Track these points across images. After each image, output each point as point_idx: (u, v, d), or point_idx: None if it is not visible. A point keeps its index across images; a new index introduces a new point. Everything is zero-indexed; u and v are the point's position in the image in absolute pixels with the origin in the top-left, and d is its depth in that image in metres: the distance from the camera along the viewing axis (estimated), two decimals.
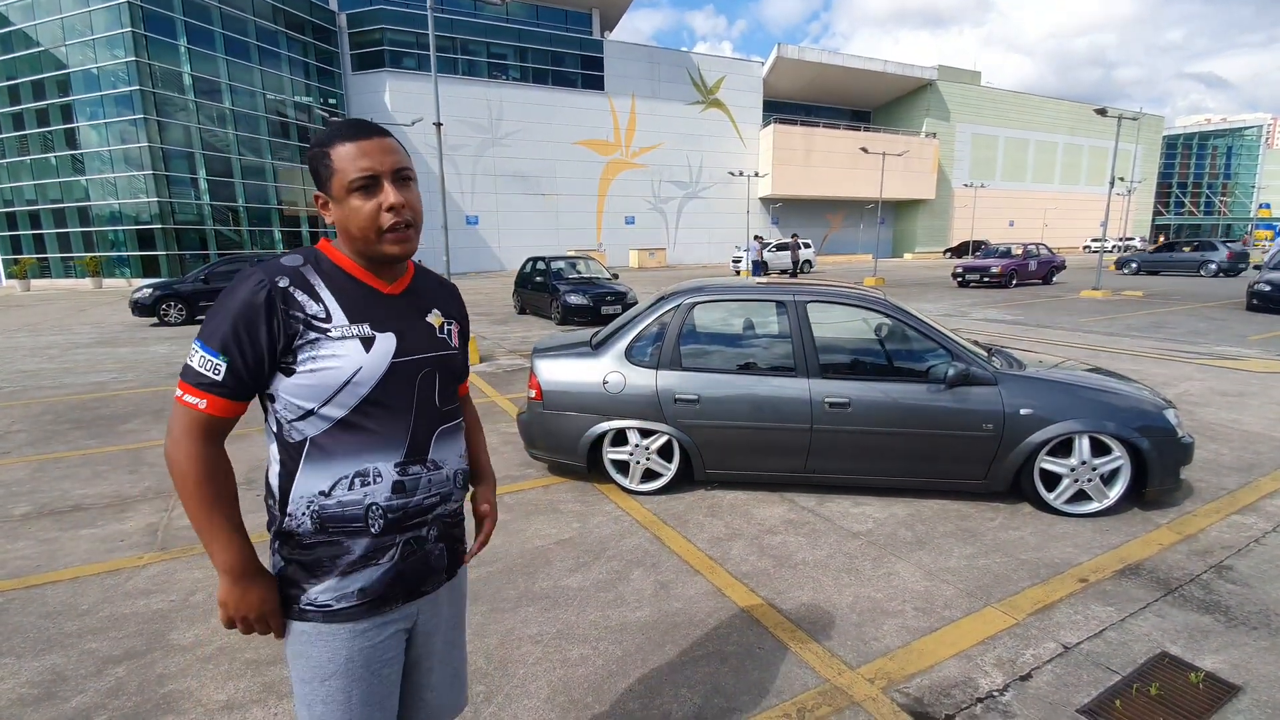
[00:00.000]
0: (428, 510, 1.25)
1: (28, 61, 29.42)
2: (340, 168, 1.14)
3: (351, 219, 1.15)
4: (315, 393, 1.13)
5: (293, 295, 1.12)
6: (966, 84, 54.40)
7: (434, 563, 1.29)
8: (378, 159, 1.14)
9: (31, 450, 5.40)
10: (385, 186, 1.15)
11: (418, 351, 1.23)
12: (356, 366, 1.14)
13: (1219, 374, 7.57)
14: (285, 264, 1.16)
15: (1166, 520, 3.72)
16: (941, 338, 3.95)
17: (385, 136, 1.17)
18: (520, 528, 3.74)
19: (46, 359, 10.20)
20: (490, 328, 12.93)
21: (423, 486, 1.23)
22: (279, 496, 1.18)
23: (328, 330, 1.13)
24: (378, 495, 1.18)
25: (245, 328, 1.09)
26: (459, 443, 1.34)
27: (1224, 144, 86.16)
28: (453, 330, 1.34)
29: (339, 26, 36.61)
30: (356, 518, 1.17)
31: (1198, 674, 2.39)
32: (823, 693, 2.33)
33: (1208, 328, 11.36)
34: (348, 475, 1.16)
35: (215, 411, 1.11)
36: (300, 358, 1.12)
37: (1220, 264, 22.17)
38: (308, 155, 1.20)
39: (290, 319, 1.11)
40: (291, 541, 1.18)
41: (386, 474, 1.18)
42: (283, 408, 1.16)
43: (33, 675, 2.48)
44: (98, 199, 29.73)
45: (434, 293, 1.35)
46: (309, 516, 1.16)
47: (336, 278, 1.19)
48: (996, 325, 12.22)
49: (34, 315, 17.55)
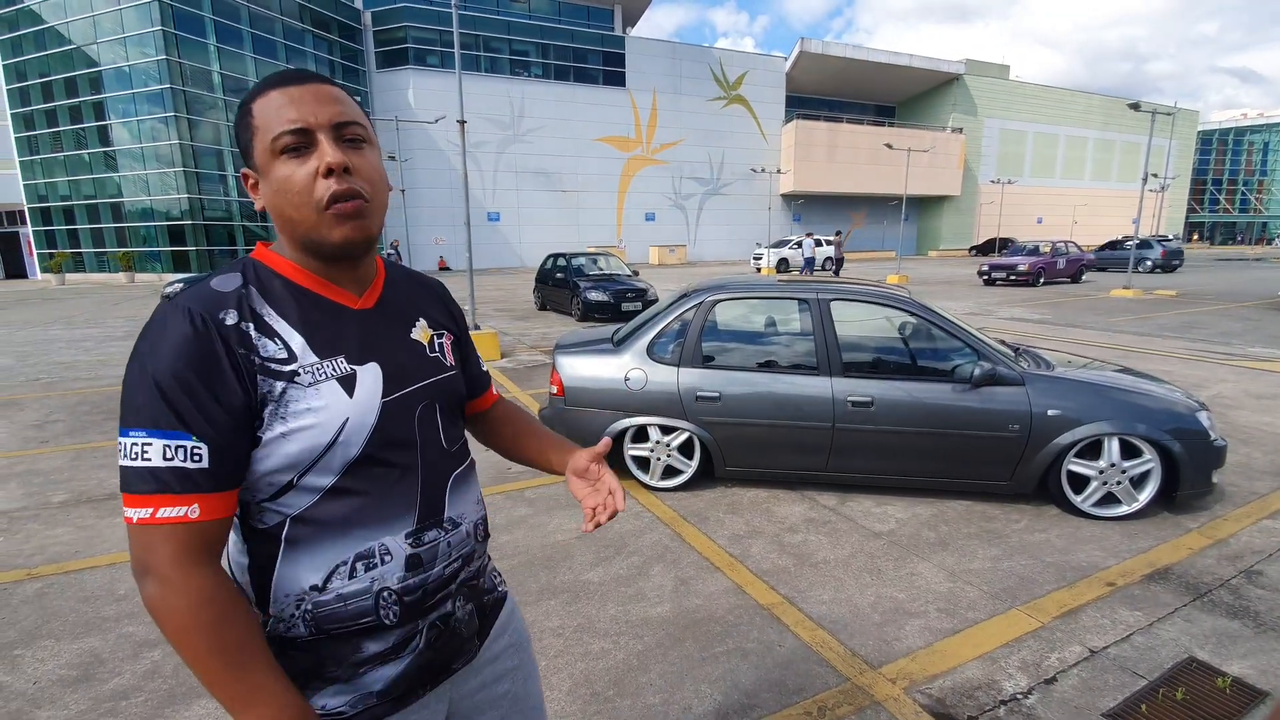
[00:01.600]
0: (450, 580, 0.99)
1: (61, 59, 30.15)
2: (261, 125, 0.83)
3: (280, 194, 0.84)
4: (292, 461, 0.83)
5: (246, 333, 0.81)
6: (994, 78, 53.40)
7: (464, 632, 1.03)
8: (311, 108, 0.83)
9: (69, 440, 5.56)
10: (321, 142, 0.83)
11: (410, 381, 0.95)
12: (342, 419, 0.85)
13: (1253, 376, 7.39)
14: (218, 289, 0.83)
15: (1197, 524, 3.65)
16: (967, 336, 3.91)
17: (322, 83, 0.87)
18: (542, 522, 3.77)
19: (82, 351, 10.48)
20: (511, 324, 13.02)
21: (442, 554, 0.96)
22: (253, 597, 0.89)
23: (295, 375, 0.83)
24: (388, 578, 0.90)
25: (206, 384, 0.77)
26: (475, 487, 1.07)
27: (1261, 140, 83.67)
28: (445, 344, 1.06)
29: (364, 24, 37.02)
30: (365, 611, 0.89)
31: (1225, 679, 2.35)
32: (844, 691, 2.33)
33: (1242, 328, 11.08)
34: (346, 560, 0.87)
35: (212, 515, 0.79)
36: (267, 418, 0.82)
37: (1155, 260, 26.13)
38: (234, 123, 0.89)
39: (250, 366, 0.81)
40: (280, 645, 0.88)
41: (397, 549, 0.91)
42: (247, 487, 0.85)
43: (72, 657, 2.56)
44: (130, 195, 30.43)
45: (413, 297, 1.06)
46: (301, 620, 0.87)
47: (288, 297, 0.87)
48: (1023, 324, 12.03)
49: (69, 308, 18.03)
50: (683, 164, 44.40)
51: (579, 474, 1.12)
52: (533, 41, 39.47)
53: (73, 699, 2.32)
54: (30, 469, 4.81)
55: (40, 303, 20.17)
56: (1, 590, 3.08)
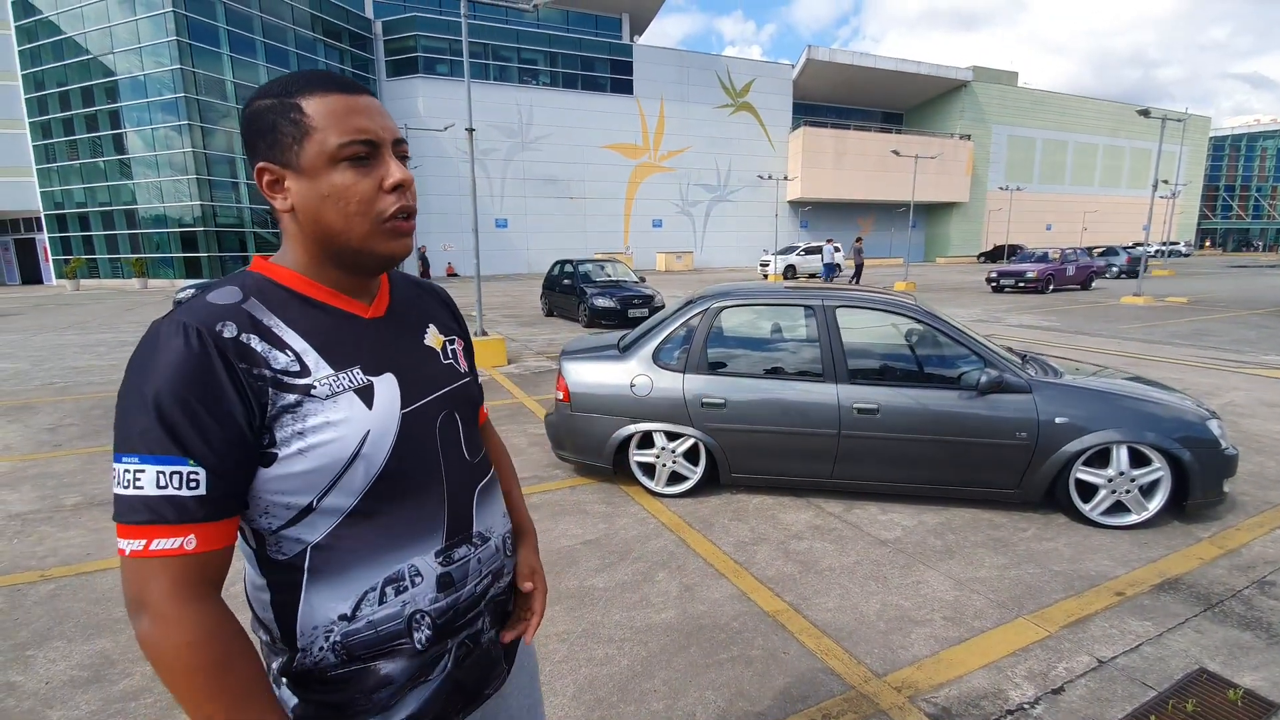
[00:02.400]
0: (481, 597, 0.95)
1: (78, 69, 30.58)
2: (322, 126, 0.79)
3: (333, 201, 0.80)
4: (311, 481, 0.79)
5: (247, 346, 0.77)
6: (1003, 85, 53.28)
7: (494, 654, 1.00)
8: (379, 121, 0.82)
9: (82, 443, 5.62)
10: (387, 159, 0.83)
11: (429, 391, 0.92)
12: (363, 432, 0.81)
13: (1267, 384, 7.31)
14: (217, 303, 0.79)
15: (1208, 534, 3.61)
16: (973, 343, 3.90)
17: (374, 97, 0.85)
18: (547, 528, 3.78)
19: (96, 355, 10.59)
20: (518, 329, 13.07)
21: (473, 571, 0.93)
22: (278, 632, 0.84)
23: (310, 388, 0.79)
24: (420, 600, 0.86)
25: (203, 403, 0.72)
26: (500, 497, 1.04)
27: (1274, 145, 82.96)
28: (457, 350, 1.03)
29: (374, 34, 37.41)
30: (398, 634, 0.85)
31: (1236, 691, 2.33)
32: (848, 700, 2.32)
33: (1256, 336, 10.97)
34: (375, 585, 0.84)
35: (210, 545, 0.74)
36: (280, 436, 0.77)
37: (1121, 266, 28.15)
38: (249, 110, 0.82)
39: (254, 381, 0.76)
40: (310, 680, 0.84)
41: (427, 569, 0.87)
42: (262, 513, 0.80)
43: (83, 659, 2.59)
44: (144, 202, 30.76)
45: (422, 303, 1.03)
46: (331, 650, 0.83)
47: (295, 309, 0.83)
48: (1032, 331, 11.96)
49: (83, 314, 18.23)
50: (690, 171, 44.49)
51: (519, 578, 1.08)
52: (541, 50, 39.75)
53: (83, 699, 2.34)
54: (44, 472, 4.87)
55: (55, 308, 20.40)
56: (15, 591, 3.11)
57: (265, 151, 0.81)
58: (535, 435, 5.61)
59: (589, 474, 4.60)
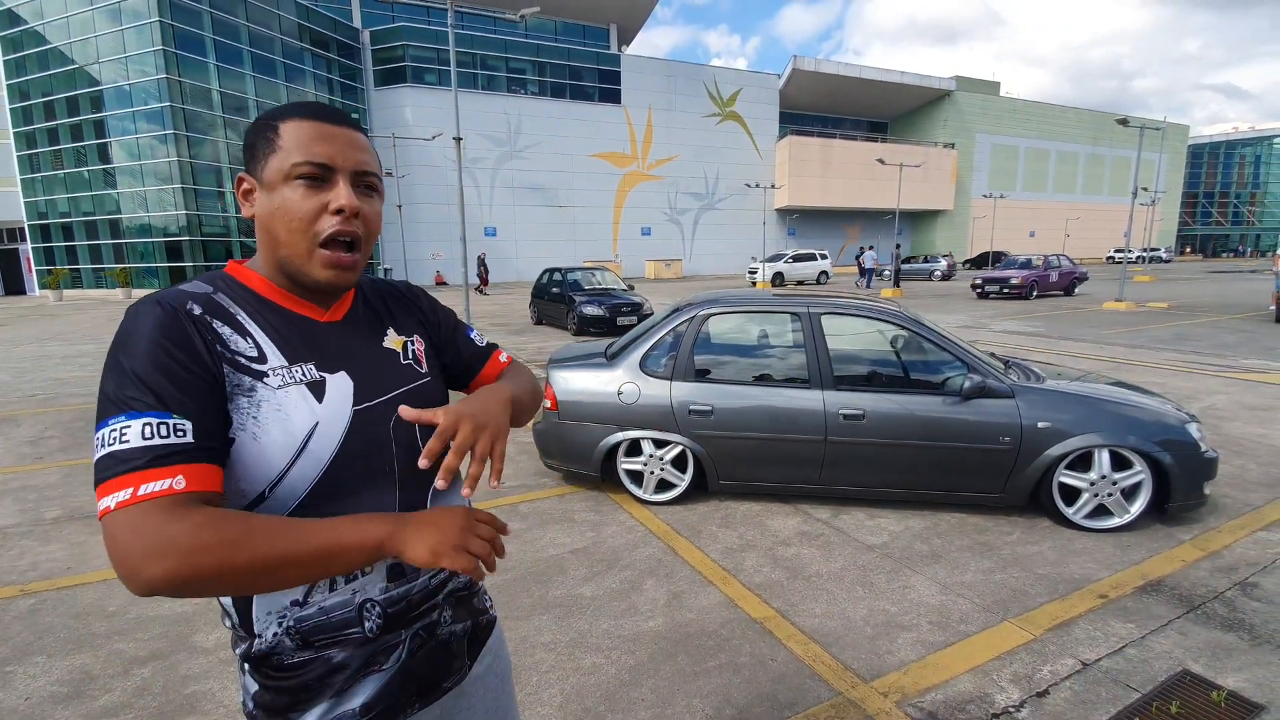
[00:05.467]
0: (437, 591, 0.99)
1: (63, 79, 30.34)
2: (286, 146, 0.85)
3: (280, 215, 0.85)
4: (262, 469, 0.82)
5: (210, 325, 0.82)
6: (986, 94, 54.08)
7: (454, 649, 1.03)
8: (341, 150, 0.87)
9: (63, 456, 5.54)
10: (339, 184, 0.86)
11: (383, 390, 0.95)
12: (311, 424, 0.84)
13: (1247, 388, 7.43)
14: (189, 289, 0.86)
15: (1190, 536, 3.66)
16: (957, 349, 3.94)
17: (357, 130, 0.91)
18: (535, 536, 3.77)
19: (78, 367, 10.46)
20: (508, 338, 13.04)
21: None
22: (237, 617, 0.88)
23: (264, 375, 0.83)
24: (371, 589, 0.90)
25: (179, 361, 0.77)
26: (458, 494, 1.05)
27: (1252, 153, 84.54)
28: (417, 350, 1.05)
29: (362, 43, 37.41)
30: (349, 622, 0.89)
31: (1219, 692, 2.35)
32: (835, 705, 2.33)
33: (1235, 340, 11.14)
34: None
35: (200, 485, 0.74)
36: (236, 419, 0.80)
37: (942, 271, 31.77)
38: (249, 129, 0.90)
39: (215, 355, 0.80)
40: (268, 665, 0.88)
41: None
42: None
43: (63, 674, 2.55)
44: (128, 212, 30.50)
45: (385, 307, 1.06)
46: (285, 635, 0.87)
47: (259, 306, 0.89)
48: (1016, 337, 12.08)
49: (66, 324, 18.01)
50: (678, 179, 44.73)
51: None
52: (529, 59, 39.90)
53: (64, 715, 2.31)
54: (25, 485, 4.80)
55: (38, 319, 20.14)
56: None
57: (247, 164, 0.89)
58: (523, 444, 5.60)
59: (577, 482, 4.59)
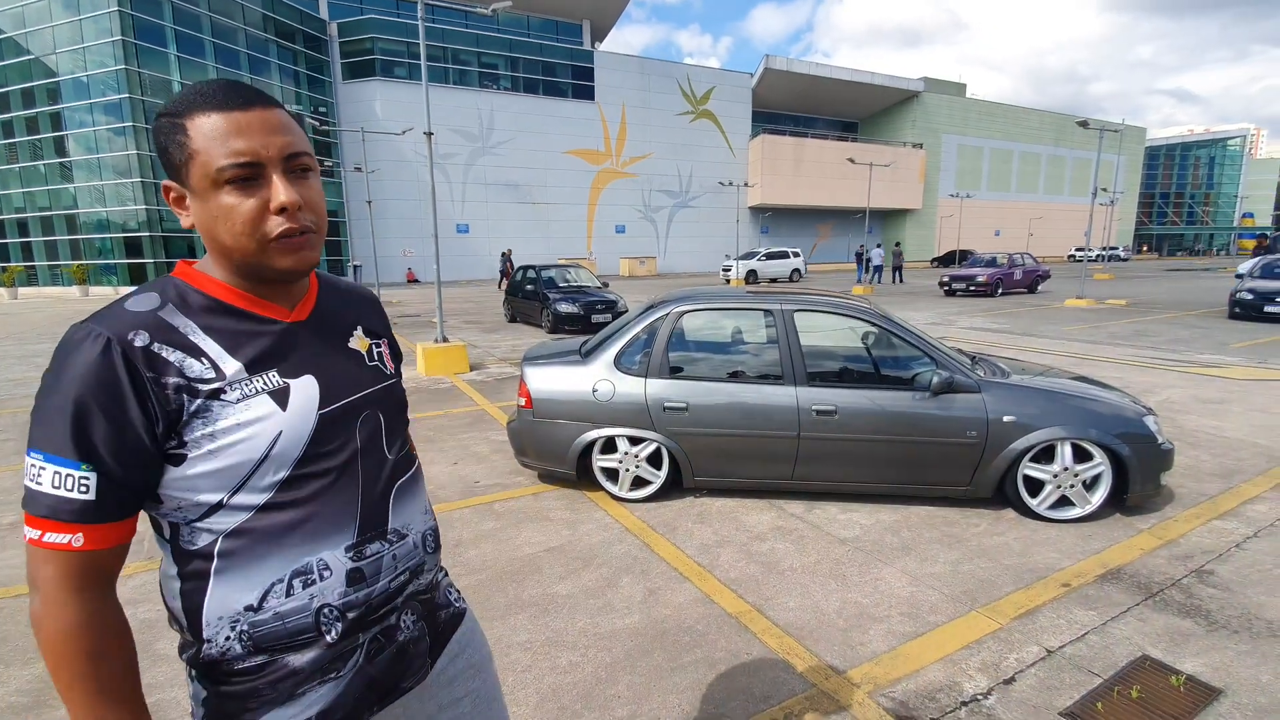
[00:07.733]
0: (397, 594, 0.96)
1: (18, 69, 29.26)
2: (202, 149, 0.79)
3: (221, 224, 0.81)
4: (221, 480, 0.81)
5: (158, 355, 0.79)
6: (952, 95, 55.11)
7: (413, 650, 1.00)
8: (260, 138, 0.80)
9: (18, 459, 5.34)
10: (273, 181, 0.81)
11: (350, 392, 0.93)
12: (275, 432, 0.83)
13: (1201, 381, 7.69)
14: (132, 310, 0.81)
15: (1148, 526, 3.77)
16: (926, 346, 4.01)
17: (270, 107, 0.83)
18: (510, 535, 3.74)
19: (33, 366, 10.09)
20: (481, 336, 12.92)
21: (386, 567, 0.93)
22: (186, 621, 0.85)
23: (221, 392, 0.81)
24: (329, 594, 0.87)
25: (104, 412, 0.75)
26: (421, 495, 1.05)
27: (1206, 154, 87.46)
28: (383, 352, 1.04)
29: (329, 35, 36.64)
30: (304, 628, 0.86)
31: (1179, 677, 2.43)
32: (810, 698, 2.35)
33: (1190, 335, 11.53)
34: (283, 578, 0.84)
35: (97, 545, 0.77)
36: (190, 438, 0.79)
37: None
38: (154, 126, 0.83)
39: (162, 390, 0.78)
40: (217, 670, 0.85)
41: (336, 564, 0.88)
42: (175, 508, 0.83)
43: (22, 684, 2.47)
44: (85, 207, 29.54)
45: (349, 306, 1.04)
46: (237, 639, 0.84)
47: (215, 313, 0.85)
48: (982, 334, 12.34)
49: (21, 323, 17.36)
50: (652, 177, 44.76)
51: None
52: (502, 54, 39.53)
53: None
54: None
55: None
56: None
57: (166, 170, 0.84)
58: (498, 442, 5.55)
59: (552, 480, 4.57)
